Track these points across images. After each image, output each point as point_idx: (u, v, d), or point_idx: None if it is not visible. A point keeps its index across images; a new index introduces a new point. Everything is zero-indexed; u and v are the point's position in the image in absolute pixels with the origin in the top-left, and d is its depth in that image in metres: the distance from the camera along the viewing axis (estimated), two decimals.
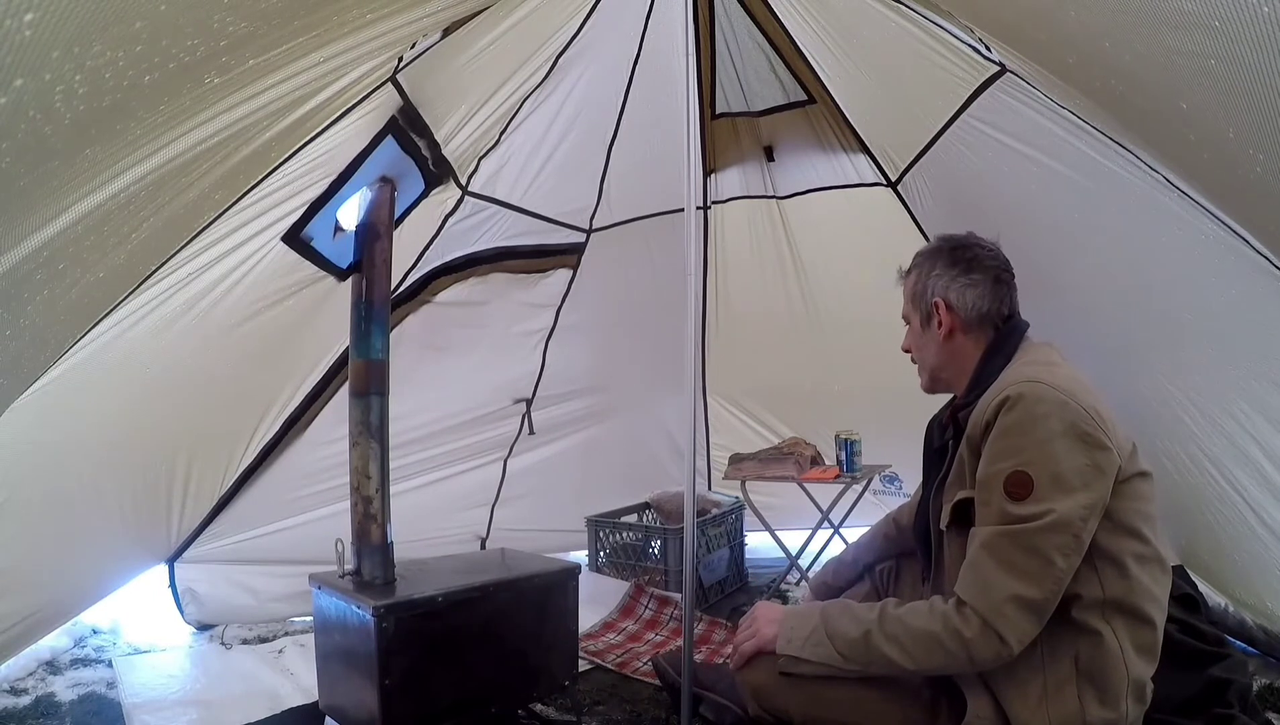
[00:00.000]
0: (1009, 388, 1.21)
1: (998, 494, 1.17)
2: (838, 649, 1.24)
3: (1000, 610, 1.13)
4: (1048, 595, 1.13)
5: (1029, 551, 1.13)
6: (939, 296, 1.40)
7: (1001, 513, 1.16)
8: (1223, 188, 1.41)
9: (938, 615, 1.18)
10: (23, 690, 2.05)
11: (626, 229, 3.02)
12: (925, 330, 1.44)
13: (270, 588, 2.61)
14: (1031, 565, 1.13)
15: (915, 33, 2.11)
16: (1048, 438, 1.15)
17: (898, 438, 2.89)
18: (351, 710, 1.59)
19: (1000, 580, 1.14)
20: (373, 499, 1.69)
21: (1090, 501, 1.14)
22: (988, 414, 1.22)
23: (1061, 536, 1.12)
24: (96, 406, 1.86)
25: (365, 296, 1.77)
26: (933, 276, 1.42)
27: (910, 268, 1.50)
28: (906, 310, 1.50)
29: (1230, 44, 0.88)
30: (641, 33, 2.46)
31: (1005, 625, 1.13)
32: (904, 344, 1.53)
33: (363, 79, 1.73)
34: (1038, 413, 1.16)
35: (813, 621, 1.30)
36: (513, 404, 3.12)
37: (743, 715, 1.42)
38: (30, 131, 0.87)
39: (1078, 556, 1.14)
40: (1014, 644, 1.13)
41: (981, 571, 1.16)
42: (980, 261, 1.40)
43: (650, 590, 2.74)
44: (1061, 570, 1.13)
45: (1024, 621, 1.13)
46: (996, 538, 1.16)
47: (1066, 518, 1.12)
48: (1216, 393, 1.96)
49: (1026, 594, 1.12)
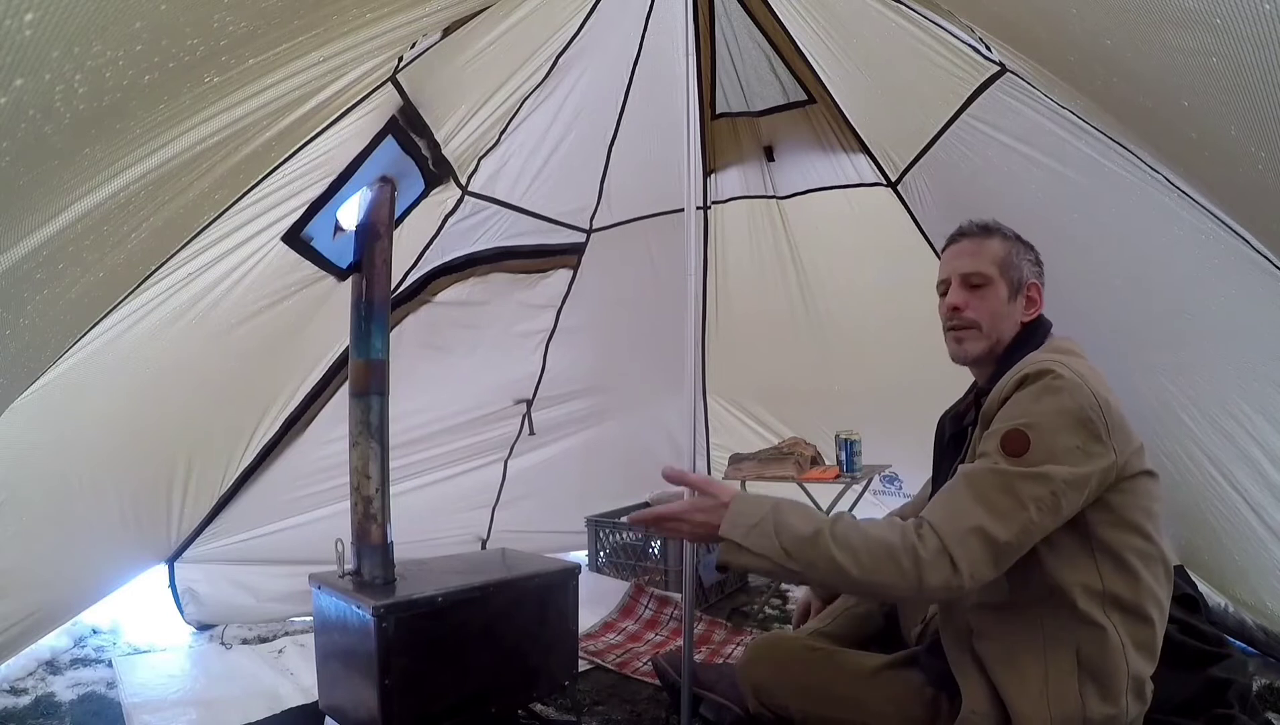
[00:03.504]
0: (1031, 366, 1.23)
1: (995, 447, 1.18)
2: (783, 543, 1.17)
3: (962, 539, 1.12)
4: (1011, 539, 1.12)
5: (1006, 491, 1.14)
6: (1034, 280, 1.42)
7: (993, 462, 1.17)
8: (1223, 186, 1.41)
9: (897, 529, 1.16)
10: (23, 690, 2.05)
11: (627, 229, 3.02)
12: (1011, 302, 1.40)
13: (270, 588, 2.61)
14: (1005, 504, 1.13)
15: (915, 32, 2.11)
16: (1055, 411, 1.17)
17: (898, 438, 2.89)
18: (351, 710, 1.59)
19: (970, 509, 1.14)
20: (373, 499, 1.68)
21: (1074, 476, 1.15)
22: (1007, 389, 1.23)
23: (1041, 488, 1.13)
24: (96, 406, 1.86)
25: (365, 296, 1.77)
26: (1025, 259, 1.42)
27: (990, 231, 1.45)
28: (987, 273, 1.41)
29: (1232, 41, 0.88)
30: (641, 33, 2.46)
31: (962, 554, 1.11)
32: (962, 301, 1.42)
33: (363, 79, 1.73)
34: (1053, 387, 1.18)
35: (762, 511, 1.21)
36: (513, 404, 3.12)
37: (743, 715, 1.42)
38: (30, 131, 0.87)
39: (1051, 517, 1.14)
40: (966, 576, 1.11)
41: (955, 499, 1.17)
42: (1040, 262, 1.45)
43: (650, 590, 2.74)
44: (1033, 521, 1.13)
45: (982, 557, 1.12)
46: (979, 473, 1.17)
47: (1050, 474, 1.14)
48: (1217, 393, 1.96)
49: (992, 530, 1.12)
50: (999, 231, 1.44)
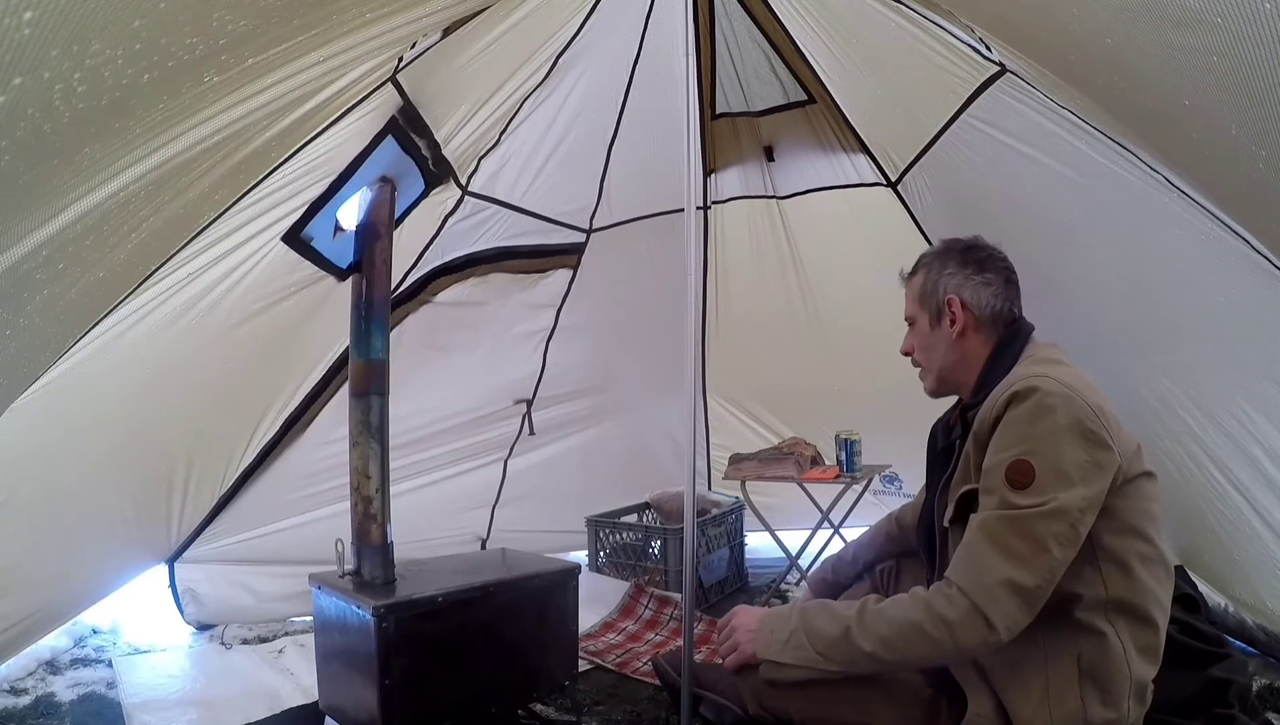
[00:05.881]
0: (1018, 383, 1.21)
1: (999, 482, 1.17)
2: (818, 650, 1.22)
3: (991, 593, 1.11)
4: (1040, 583, 1.12)
5: (1026, 537, 1.13)
6: (953, 293, 1.41)
7: (1002, 500, 1.16)
8: (1223, 185, 1.41)
9: (919, 603, 1.17)
10: (23, 690, 2.05)
11: (627, 229, 3.02)
12: (935, 329, 1.44)
13: (270, 588, 2.61)
14: (1027, 550, 1.12)
15: (915, 33, 2.11)
16: (1053, 431, 1.16)
17: (898, 438, 2.88)
18: (351, 710, 1.59)
19: (994, 563, 1.13)
20: (373, 499, 1.68)
21: (1089, 495, 1.14)
22: (996, 408, 1.22)
23: (1059, 524, 1.12)
24: (96, 406, 1.86)
25: (365, 296, 1.77)
26: (945, 275, 1.43)
27: (916, 268, 1.50)
28: (911, 311, 1.49)
29: (1233, 40, 0.88)
30: (641, 33, 2.46)
31: (994, 609, 1.11)
32: (905, 346, 1.52)
33: (363, 79, 1.73)
34: (1045, 406, 1.17)
35: (791, 623, 1.28)
36: (513, 404, 3.11)
37: (743, 715, 1.42)
38: (29, 130, 0.87)
39: (1073, 548, 1.14)
40: (1002, 630, 1.11)
41: (975, 553, 1.16)
42: (993, 261, 1.43)
43: (650, 590, 2.74)
44: (1057, 560, 1.12)
45: (1014, 607, 1.11)
46: (994, 522, 1.16)
47: (1065, 507, 1.12)
48: (1218, 392, 1.96)
49: (1019, 579, 1.11)
50: (923, 264, 1.48)
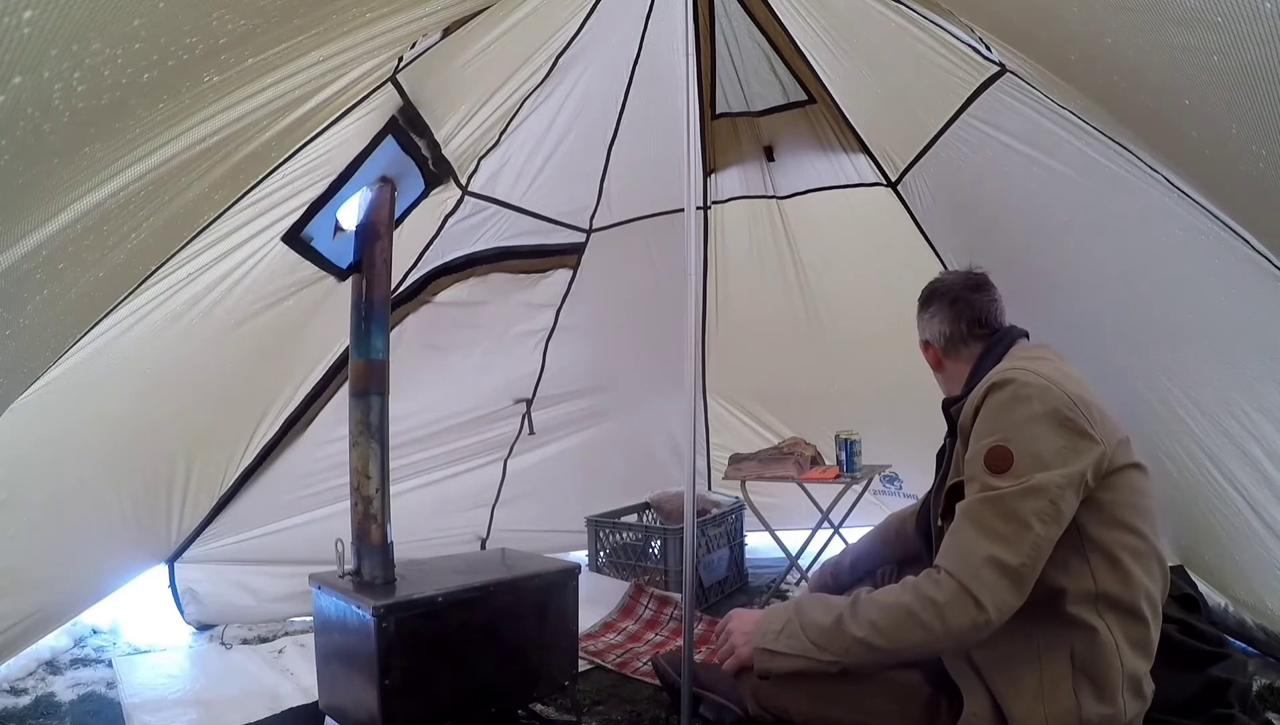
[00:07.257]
0: (995, 375, 1.26)
1: (979, 469, 1.20)
2: (811, 639, 1.25)
3: (976, 573, 1.13)
4: (1025, 561, 1.13)
5: (1007, 516, 1.15)
6: (921, 338, 1.57)
7: (983, 484, 1.19)
8: (1224, 185, 1.41)
9: (909, 588, 1.19)
10: (23, 690, 2.05)
11: (626, 229, 3.02)
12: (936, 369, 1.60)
13: (270, 588, 2.60)
14: (1008, 529, 1.14)
15: (915, 33, 2.11)
16: (1029, 418, 1.19)
17: (898, 438, 2.90)
18: (351, 710, 1.59)
19: (977, 543, 1.15)
20: (373, 499, 1.68)
21: (1067, 474, 1.16)
22: (975, 401, 1.26)
23: (1039, 501, 1.14)
24: (96, 406, 1.86)
25: (365, 296, 1.76)
26: (917, 322, 1.59)
27: None
28: None
29: (1233, 40, 0.88)
30: (641, 33, 2.46)
31: (981, 588, 1.12)
32: None
33: (363, 79, 1.73)
34: (1021, 395, 1.20)
35: (786, 614, 1.32)
36: (513, 404, 3.11)
37: (742, 715, 1.42)
38: (29, 129, 0.87)
39: (1056, 526, 1.15)
40: (991, 609, 1.12)
41: (960, 536, 1.18)
42: (936, 294, 1.54)
43: (650, 590, 2.74)
44: (1040, 537, 1.13)
45: (1001, 586, 1.13)
46: (975, 505, 1.19)
47: (1044, 484, 1.14)
48: (1217, 392, 1.96)
49: (1003, 557, 1.13)
50: None
